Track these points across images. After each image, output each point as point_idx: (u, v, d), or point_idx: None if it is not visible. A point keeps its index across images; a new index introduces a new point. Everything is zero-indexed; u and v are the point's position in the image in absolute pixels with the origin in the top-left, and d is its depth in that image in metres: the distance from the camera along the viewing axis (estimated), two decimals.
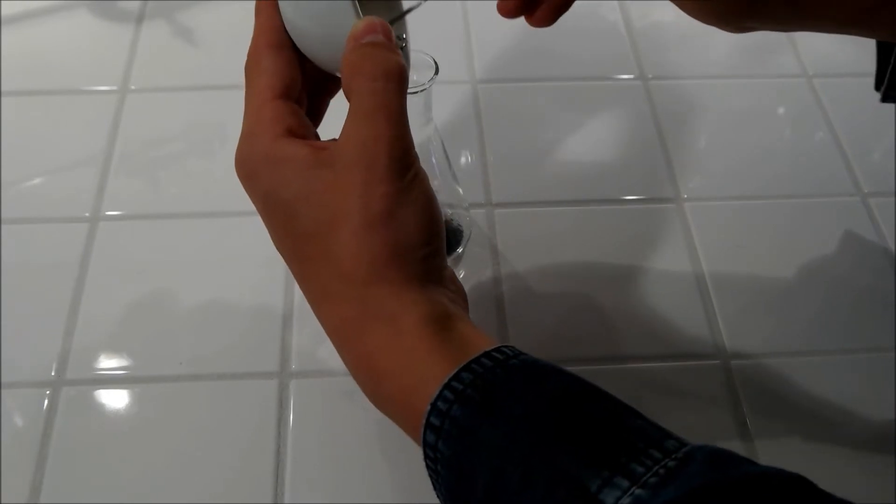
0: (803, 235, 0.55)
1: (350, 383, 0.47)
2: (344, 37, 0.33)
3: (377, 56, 0.32)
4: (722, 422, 0.46)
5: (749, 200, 0.57)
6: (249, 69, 0.35)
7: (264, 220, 0.35)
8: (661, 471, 0.26)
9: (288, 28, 0.35)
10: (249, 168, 0.34)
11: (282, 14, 0.35)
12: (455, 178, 0.51)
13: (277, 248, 0.35)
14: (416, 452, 0.32)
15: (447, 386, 0.30)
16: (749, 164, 0.59)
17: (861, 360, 0.49)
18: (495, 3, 0.42)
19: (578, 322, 0.51)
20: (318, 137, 0.35)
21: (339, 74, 0.36)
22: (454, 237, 0.52)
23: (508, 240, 0.54)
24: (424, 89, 0.41)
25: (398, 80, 0.32)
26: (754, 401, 0.47)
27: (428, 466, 0.31)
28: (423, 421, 0.30)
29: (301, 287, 0.35)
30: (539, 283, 0.52)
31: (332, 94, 0.39)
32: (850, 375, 0.49)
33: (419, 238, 0.32)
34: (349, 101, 0.33)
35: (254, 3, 0.36)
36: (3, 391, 0.46)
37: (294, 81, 0.35)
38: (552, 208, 0.56)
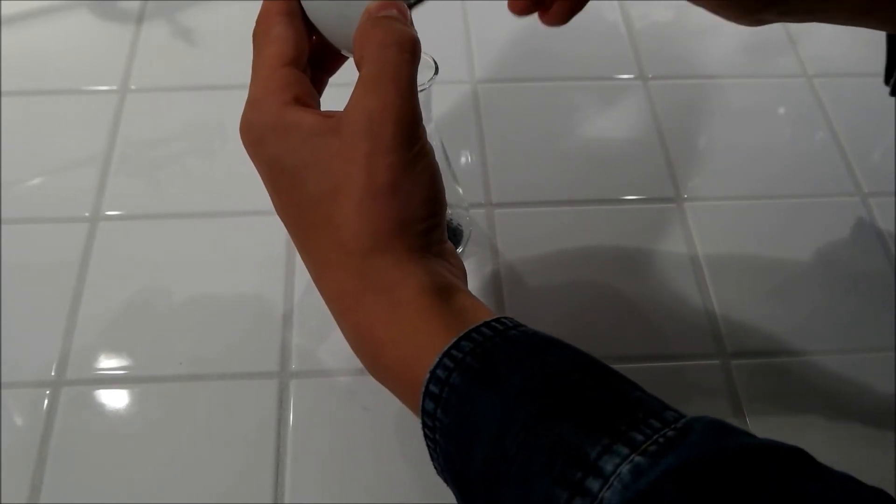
0: (803, 235, 0.55)
1: (350, 383, 0.47)
2: (359, 13, 0.33)
3: (391, 26, 0.32)
4: None
5: (749, 200, 0.57)
6: (259, 35, 0.35)
7: (268, 187, 0.35)
8: (661, 439, 0.26)
9: (310, 9, 0.35)
10: (256, 135, 0.33)
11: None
12: (455, 178, 0.51)
13: (280, 216, 0.35)
14: (415, 452, 0.31)
15: (447, 354, 0.30)
16: (749, 164, 0.59)
17: (861, 360, 0.49)
18: (495, 3, 0.42)
19: (578, 322, 0.51)
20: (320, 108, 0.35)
21: (345, 53, 0.36)
22: (454, 237, 0.52)
23: (508, 240, 0.54)
24: (424, 89, 0.41)
25: (411, 50, 0.32)
26: (754, 401, 0.47)
27: (426, 436, 0.31)
28: (422, 389, 0.30)
29: (301, 255, 0.35)
30: (539, 283, 0.52)
31: (331, 71, 0.38)
32: (850, 375, 0.49)
33: (423, 211, 0.32)
34: (359, 70, 0.32)
35: (254, 3, 0.36)
36: (3, 391, 0.46)
37: (303, 51, 0.34)
38: (552, 208, 0.56)
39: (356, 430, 0.46)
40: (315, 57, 0.37)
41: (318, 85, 0.38)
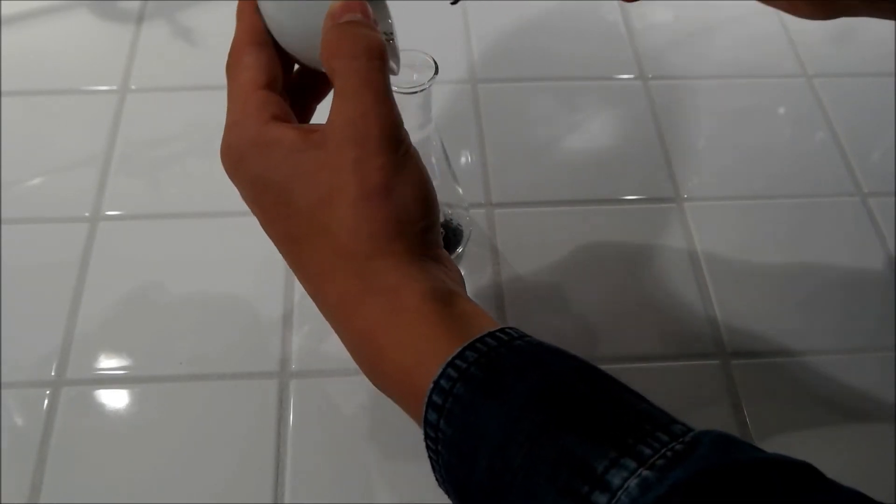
0: (803, 235, 0.55)
1: (350, 383, 0.47)
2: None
3: (357, 34, 0.32)
4: (722, 422, 0.46)
5: (749, 200, 0.57)
6: (231, 67, 0.35)
7: (253, 207, 0.34)
8: (669, 453, 0.26)
9: (269, 26, 0.35)
10: (236, 155, 0.33)
11: (262, 12, 0.35)
12: (455, 178, 0.51)
13: (269, 234, 0.34)
14: (415, 452, 0.31)
15: (451, 364, 0.29)
16: (749, 164, 0.59)
17: (861, 360, 0.49)
18: (495, 3, 0.42)
19: (578, 322, 0.51)
20: None
21: (323, 69, 0.36)
22: (454, 237, 0.52)
23: (508, 240, 0.54)
24: (424, 89, 0.41)
25: (380, 56, 0.32)
26: (754, 401, 0.47)
27: (428, 447, 0.30)
28: (425, 399, 0.29)
29: (295, 270, 0.34)
30: (539, 283, 0.52)
31: (319, 97, 0.39)
32: (850, 375, 0.49)
33: (417, 211, 0.32)
34: (333, 82, 0.33)
35: None
36: (3, 391, 0.46)
37: (277, 77, 0.35)
38: (552, 208, 0.56)
39: (356, 430, 0.46)
40: (301, 84, 0.37)
41: (307, 112, 0.38)
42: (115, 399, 0.46)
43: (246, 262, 0.52)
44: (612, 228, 0.55)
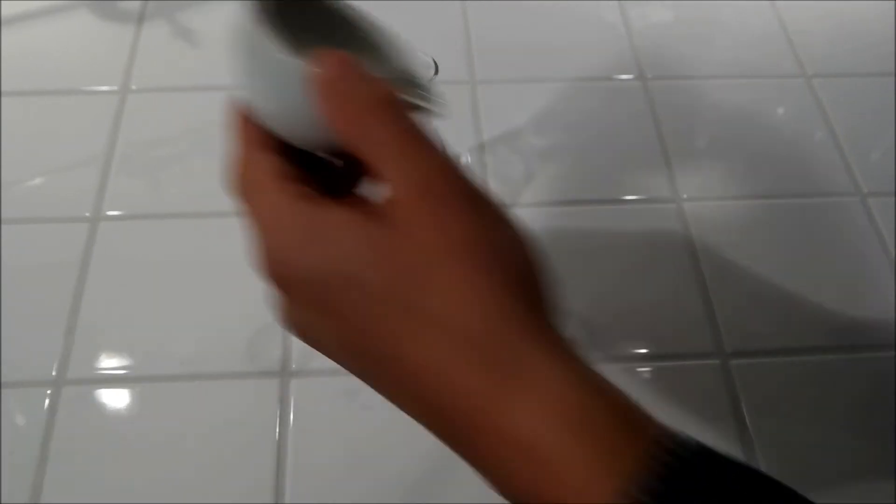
0: (803, 235, 0.56)
1: (350, 383, 0.47)
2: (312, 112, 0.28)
3: (364, 93, 0.27)
4: (722, 421, 0.47)
5: (749, 200, 0.57)
6: (241, 178, 0.30)
7: (308, 313, 0.28)
8: None
9: (272, 125, 0.30)
10: (283, 255, 0.27)
11: (258, 113, 0.30)
12: None
13: (337, 343, 0.27)
14: (415, 452, 0.31)
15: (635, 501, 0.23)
16: (749, 164, 0.59)
17: (861, 360, 0.49)
18: (495, 3, 0.42)
19: (578, 322, 0.51)
20: None
21: (327, 155, 0.31)
22: None
23: None
24: None
25: (398, 106, 0.28)
26: (754, 401, 0.47)
27: None
28: None
29: (385, 381, 0.27)
30: None
31: (359, 179, 0.32)
32: (849, 375, 0.49)
33: (530, 262, 0.27)
34: (363, 153, 0.27)
35: None
36: (3, 391, 0.46)
37: (296, 174, 0.29)
38: (551, 208, 0.56)
39: (356, 430, 0.46)
40: (340, 172, 0.31)
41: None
42: (115, 399, 0.46)
43: (246, 262, 0.52)
44: (612, 228, 0.55)
